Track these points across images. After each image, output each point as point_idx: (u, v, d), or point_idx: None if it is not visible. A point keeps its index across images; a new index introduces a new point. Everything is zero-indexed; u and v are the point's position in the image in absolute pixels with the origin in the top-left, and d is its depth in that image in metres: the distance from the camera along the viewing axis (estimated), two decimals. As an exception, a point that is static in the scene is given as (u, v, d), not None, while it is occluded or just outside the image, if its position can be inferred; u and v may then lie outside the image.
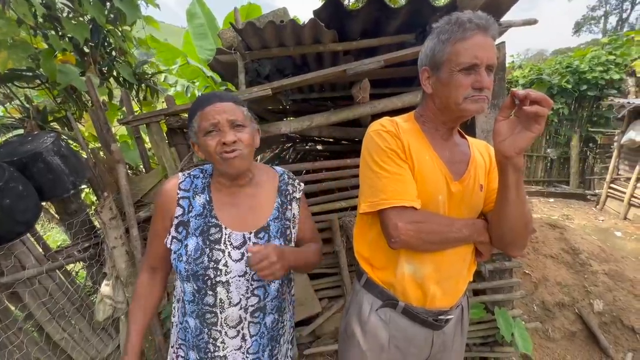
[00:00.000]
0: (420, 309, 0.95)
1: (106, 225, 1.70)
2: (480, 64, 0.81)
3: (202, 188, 0.97)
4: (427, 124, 0.97)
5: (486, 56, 0.81)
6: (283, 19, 1.62)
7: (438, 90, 0.90)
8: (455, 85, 0.85)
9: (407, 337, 0.97)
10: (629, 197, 5.69)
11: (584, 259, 3.08)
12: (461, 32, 0.82)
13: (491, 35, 0.83)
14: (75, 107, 2.74)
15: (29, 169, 1.47)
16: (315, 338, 2.22)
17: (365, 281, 1.03)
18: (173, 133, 1.86)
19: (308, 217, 1.11)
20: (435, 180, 0.91)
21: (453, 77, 0.84)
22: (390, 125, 0.94)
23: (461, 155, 0.99)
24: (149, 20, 3.05)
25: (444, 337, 1.01)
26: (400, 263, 0.94)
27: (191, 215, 0.93)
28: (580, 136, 7.92)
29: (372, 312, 0.99)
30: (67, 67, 2.32)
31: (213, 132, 0.86)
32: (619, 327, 2.71)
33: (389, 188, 0.87)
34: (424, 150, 0.93)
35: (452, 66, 0.84)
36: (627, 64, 7.38)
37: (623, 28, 27.75)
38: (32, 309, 1.48)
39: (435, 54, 0.88)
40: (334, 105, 2.83)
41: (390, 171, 0.89)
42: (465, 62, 0.82)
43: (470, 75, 0.83)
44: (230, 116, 0.86)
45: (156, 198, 0.98)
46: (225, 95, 0.90)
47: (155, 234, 0.98)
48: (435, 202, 0.91)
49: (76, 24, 2.31)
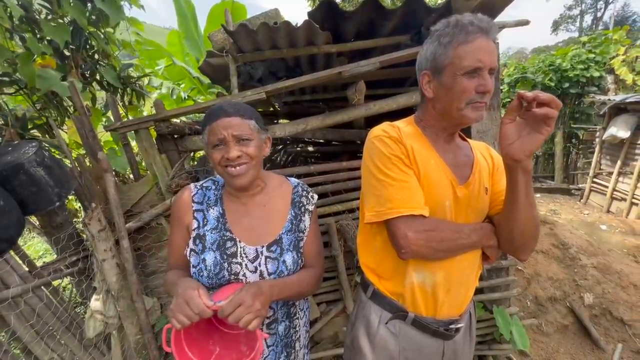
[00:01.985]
0: (430, 319, 0.93)
1: (95, 237, 1.62)
2: (484, 67, 0.81)
3: (214, 200, 0.98)
4: (428, 129, 0.95)
5: (489, 59, 0.81)
6: (276, 21, 1.58)
7: (440, 94, 0.89)
8: (459, 89, 0.83)
9: (418, 349, 0.95)
10: (612, 191, 5.89)
11: (574, 254, 3.16)
12: (464, 35, 0.81)
13: (492, 38, 0.82)
14: (57, 113, 2.62)
15: (10, 182, 1.38)
16: (314, 344, 2.19)
17: (372, 293, 1.00)
18: (163, 139, 1.79)
19: (316, 238, 1.07)
20: (441, 185, 0.89)
21: (456, 80, 0.83)
22: (393, 130, 0.91)
23: (464, 159, 0.98)
24: (133, 22, 2.95)
25: (455, 346, 0.99)
26: (408, 272, 0.92)
27: (206, 229, 0.95)
28: (564, 132, 8.16)
29: (381, 324, 0.97)
30: (47, 72, 2.21)
31: (220, 146, 0.88)
32: (609, 319, 2.79)
33: (396, 196, 0.85)
34: (429, 154, 0.91)
35: (455, 70, 0.83)
36: (606, 62, 7.65)
37: (598, 26, 28.82)
38: (19, 332, 1.39)
39: (437, 57, 0.86)
40: (326, 106, 2.81)
41: (395, 178, 0.86)
42: (470, 66, 0.81)
43: (473, 78, 0.82)
44: (236, 131, 0.87)
45: (172, 210, 1.00)
46: (232, 108, 0.90)
47: (173, 244, 1.00)
48: (442, 207, 0.89)
49: (56, 26, 2.21)
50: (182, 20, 4.98)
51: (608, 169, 6.18)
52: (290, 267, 0.95)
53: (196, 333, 0.84)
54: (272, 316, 0.98)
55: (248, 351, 0.82)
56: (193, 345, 0.82)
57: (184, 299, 0.75)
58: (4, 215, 1.29)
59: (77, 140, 2.41)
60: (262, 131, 0.95)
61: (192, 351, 0.81)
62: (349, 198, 2.02)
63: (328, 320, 2.13)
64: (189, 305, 0.73)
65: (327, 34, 1.70)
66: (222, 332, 0.91)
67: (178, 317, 0.73)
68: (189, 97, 5.17)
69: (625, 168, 5.70)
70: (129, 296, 1.71)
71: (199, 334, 0.86)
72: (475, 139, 1.82)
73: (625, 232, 4.10)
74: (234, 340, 0.88)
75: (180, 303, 0.74)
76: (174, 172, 1.77)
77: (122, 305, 1.69)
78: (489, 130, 1.82)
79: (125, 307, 1.70)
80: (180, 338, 0.80)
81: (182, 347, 0.80)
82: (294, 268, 0.96)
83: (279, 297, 0.89)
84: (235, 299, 0.76)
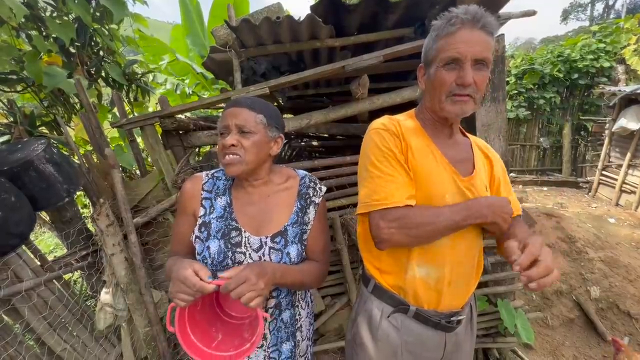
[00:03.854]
0: (432, 312, 0.94)
1: (103, 232, 1.65)
2: (463, 58, 0.80)
3: (223, 190, 1.00)
4: (427, 122, 0.95)
5: (471, 50, 0.79)
6: (279, 15, 1.57)
7: (427, 87, 0.91)
8: (438, 82, 0.85)
9: (420, 341, 0.96)
10: (621, 183, 5.79)
11: (580, 247, 3.13)
12: (447, 27, 0.81)
13: (482, 29, 0.80)
14: (64, 110, 2.65)
15: (20, 178, 1.41)
16: (319, 336, 2.22)
17: (373, 287, 1.00)
18: (168, 135, 1.81)
19: (322, 232, 1.05)
20: (441, 179, 0.89)
21: (437, 73, 0.84)
22: (391, 124, 0.92)
23: (465, 155, 0.98)
24: (137, 18, 2.96)
25: (456, 338, 1.00)
26: (410, 266, 0.92)
27: (212, 216, 0.96)
28: (572, 124, 8.01)
29: (382, 318, 0.97)
30: (53, 69, 2.24)
31: (225, 134, 0.92)
32: (616, 313, 2.78)
33: (381, 189, 0.86)
34: (427, 149, 0.91)
35: (437, 62, 0.84)
36: (617, 51, 7.46)
37: (609, 15, 28.04)
38: (32, 324, 1.44)
39: (427, 50, 0.88)
40: (330, 100, 2.80)
41: (384, 171, 0.87)
42: (447, 57, 0.81)
43: (453, 70, 0.82)
44: (239, 121, 0.89)
45: (180, 196, 1.01)
46: (246, 101, 0.92)
47: (177, 230, 1.00)
48: (442, 202, 0.88)
49: (61, 24, 2.23)
50: (185, 16, 4.96)
51: (617, 161, 6.06)
52: (294, 260, 0.96)
53: (200, 320, 0.86)
54: (275, 300, 0.99)
55: (250, 337, 0.83)
56: (197, 331, 0.84)
57: (179, 279, 0.76)
58: (16, 211, 1.33)
59: (84, 137, 2.44)
60: (273, 128, 0.95)
61: (196, 335, 0.83)
62: (353, 192, 2.02)
63: (333, 313, 2.16)
64: (186, 284, 0.75)
65: (330, 28, 1.69)
66: (225, 321, 0.93)
67: (178, 296, 0.75)
68: (193, 92, 5.18)
69: (635, 160, 5.59)
70: (137, 289, 1.75)
71: (203, 321, 0.87)
72: (480, 132, 1.81)
73: (634, 225, 4.05)
74: (237, 329, 0.90)
75: (176, 284, 0.76)
76: (179, 167, 1.79)
77: (131, 298, 1.73)
78: (493, 124, 1.80)
79: (134, 300, 1.74)
80: (185, 321, 0.82)
81: (185, 330, 0.82)
82: (297, 260, 0.97)
83: (281, 282, 0.90)
84: (239, 275, 0.77)
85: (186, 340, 0.81)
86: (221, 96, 1.73)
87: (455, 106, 0.84)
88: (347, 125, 2.48)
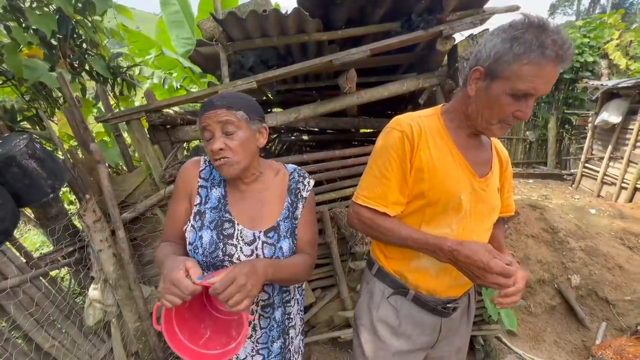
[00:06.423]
0: (430, 297, 0.99)
1: (90, 228, 1.63)
2: (535, 95, 0.76)
3: (219, 181, 1.00)
4: (454, 122, 0.93)
5: (544, 90, 0.76)
6: (265, 8, 1.56)
7: (479, 98, 0.83)
8: (498, 107, 0.79)
9: (416, 324, 1.01)
10: (602, 175, 5.98)
11: (562, 237, 3.23)
12: (539, 56, 0.72)
13: (559, 65, 0.74)
14: (46, 104, 2.58)
15: (2, 174, 1.38)
16: (310, 328, 2.26)
17: (377, 270, 1.06)
18: (155, 130, 1.79)
19: (310, 224, 1.05)
20: (457, 179, 0.90)
21: (501, 98, 0.78)
22: (407, 125, 0.90)
23: (484, 155, 0.98)
24: (121, 10, 2.88)
25: (451, 323, 1.05)
26: (417, 256, 0.96)
27: (207, 206, 0.96)
28: (557, 118, 8.20)
29: (383, 299, 1.02)
30: (34, 62, 2.17)
31: (210, 139, 0.89)
32: (594, 299, 2.89)
33: (372, 188, 0.93)
34: (446, 149, 0.91)
35: (507, 86, 0.76)
36: (601, 46, 7.62)
37: (595, 10, 28.53)
38: (18, 321, 1.42)
39: (500, 62, 0.76)
40: (319, 94, 2.80)
41: (382, 173, 0.91)
42: (522, 90, 0.75)
43: (518, 101, 0.77)
44: (221, 124, 0.88)
45: (177, 179, 1.00)
46: (221, 101, 0.88)
47: (172, 213, 1.00)
48: (457, 201, 0.89)
49: (41, 15, 2.15)
50: (166, 8, 4.84)
51: (599, 154, 6.25)
52: (287, 254, 0.97)
53: (188, 316, 0.85)
54: (267, 299, 1.00)
55: (237, 335, 0.82)
56: (184, 328, 0.83)
57: (171, 281, 0.74)
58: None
59: (68, 132, 2.39)
60: (255, 121, 0.93)
61: (183, 333, 0.82)
62: (343, 186, 2.05)
63: (323, 305, 2.20)
64: (177, 287, 0.73)
65: (318, 22, 1.69)
66: (214, 316, 0.92)
67: (167, 298, 0.73)
68: (181, 86, 5.10)
69: (616, 153, 5.78)
70: (126, 285, 1.74)
71: (191, 317, 0.86)
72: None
73: (613, 215, 4.19)
74: (225, 325, 0.89)
75: (167, 286, 0.74)
76: (167, 162, 1.78)
77: (120, 293, 1.73)
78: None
79: (123, 295, 1.73)
80: (172, 319, 0.80)
81: (172, 328, 0.80)
82: (289, 254, 0.98)
83: (273, 278, 0.88)
84: (227, 276, 0.75)
85: (173, 338, 0.79)
86: (208, 90, 1.72)
87: (502, 131, 0.84)
88: (337, 120, 2.49)
